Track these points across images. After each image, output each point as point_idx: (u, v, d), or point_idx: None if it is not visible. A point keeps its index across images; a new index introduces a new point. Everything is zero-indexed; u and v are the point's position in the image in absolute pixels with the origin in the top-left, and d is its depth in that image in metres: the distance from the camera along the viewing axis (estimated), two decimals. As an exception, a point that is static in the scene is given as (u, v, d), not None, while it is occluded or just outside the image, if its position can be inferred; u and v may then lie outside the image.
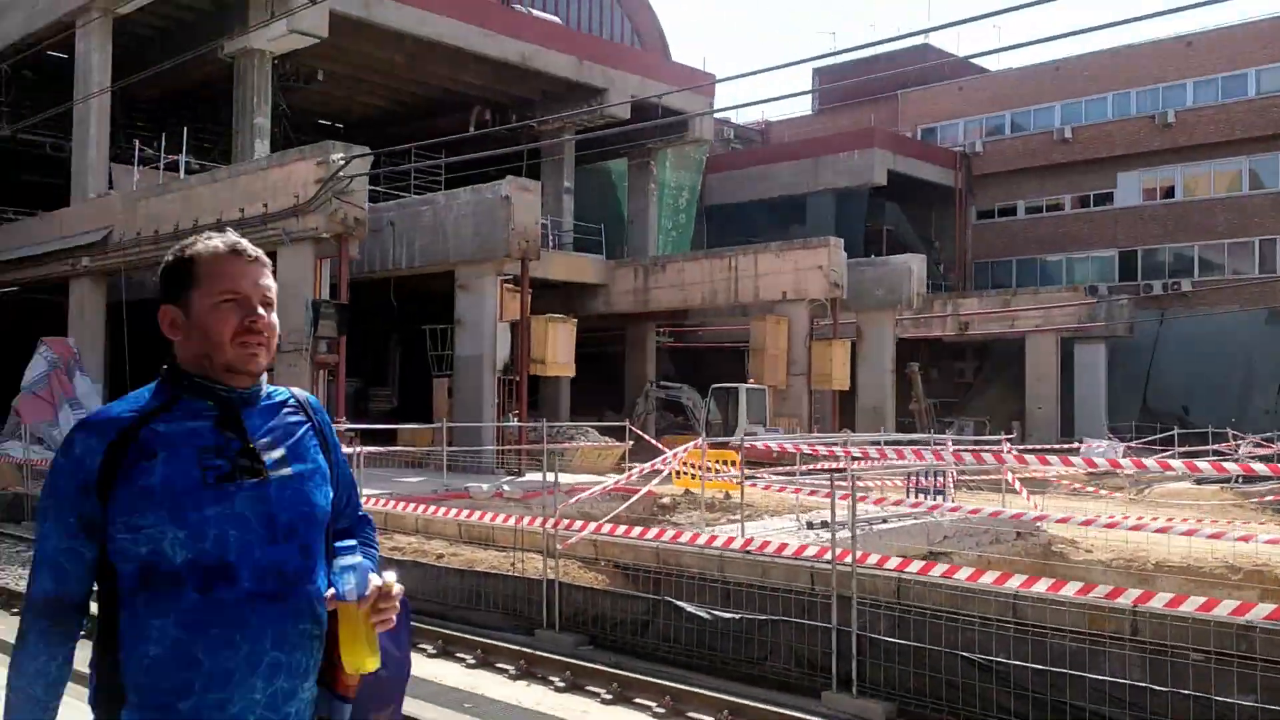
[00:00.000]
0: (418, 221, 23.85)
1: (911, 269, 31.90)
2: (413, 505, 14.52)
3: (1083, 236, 46.09)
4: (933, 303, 36.92)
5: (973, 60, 53.64)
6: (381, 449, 20.83)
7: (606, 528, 11.87)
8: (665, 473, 18.82)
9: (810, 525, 13.67)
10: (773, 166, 47.66)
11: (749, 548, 11.04)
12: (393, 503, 14.79)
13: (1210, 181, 42.94)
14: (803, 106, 58.10)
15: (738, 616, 9.72)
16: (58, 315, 35.12)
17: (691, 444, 15.86)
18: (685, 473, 22.31)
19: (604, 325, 34.50)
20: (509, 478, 21.51)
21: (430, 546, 13.63)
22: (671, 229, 39.15)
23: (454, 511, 13.87)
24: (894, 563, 8.98)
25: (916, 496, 17.63)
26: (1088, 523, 14.30)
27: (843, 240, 29.86)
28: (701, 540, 11.37)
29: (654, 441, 23.53)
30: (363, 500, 9.17)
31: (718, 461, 21.82)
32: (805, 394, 29.39)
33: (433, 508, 14.24)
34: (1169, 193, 44.13)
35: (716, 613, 9.87)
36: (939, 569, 9.43)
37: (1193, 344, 41.05)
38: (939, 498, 17.79)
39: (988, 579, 8.67)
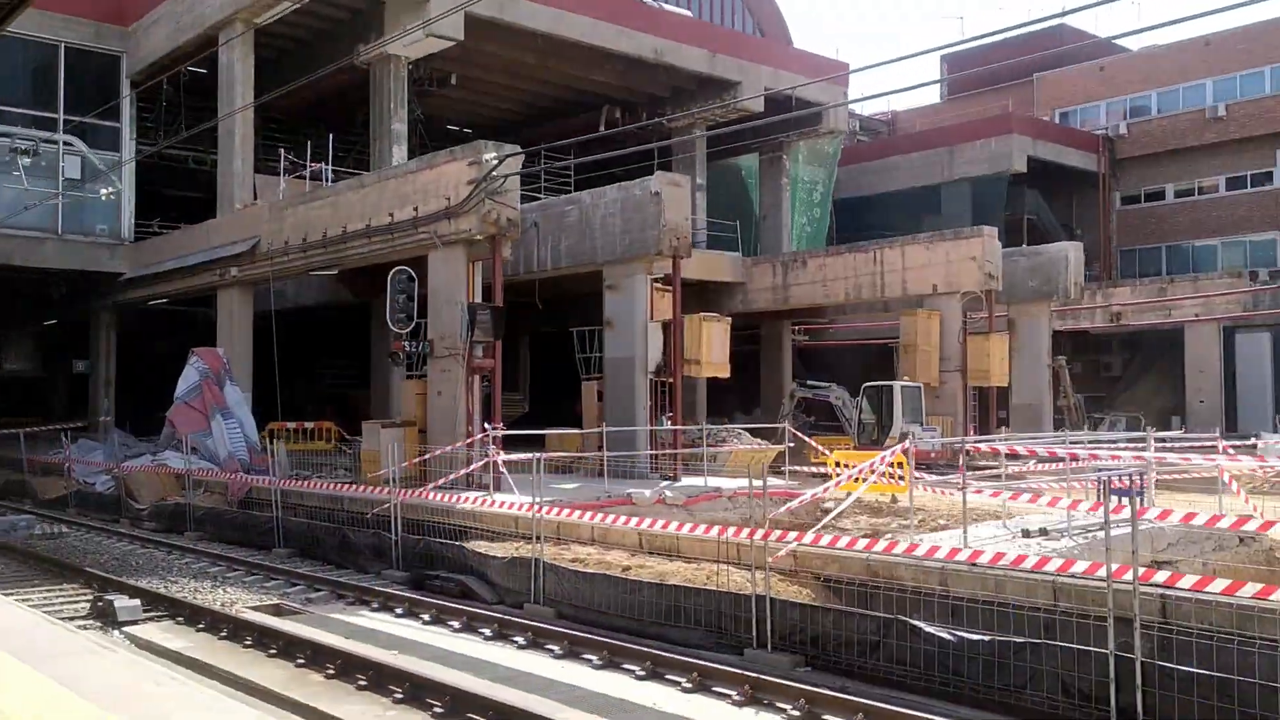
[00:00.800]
0: (562, 222, 23.35)
1: (1069, 257, 30.22)
2: (588, 514, 13.89)
3: (1239, 219, 43.41)
4: (1081, 293, 34.89)
5: (1114, 41, 51.19)
6: (526, 455, 20.36)
7: (823, 539, 10.97)
8: (837, 479, 17.83)
9: (1027, 533, 12.54)
10: (904, 157, 46.08)
11: (978, 560, 10.05)
12: (564, 510, 14.17)
13: (1385, 156, 39.92)
14: (930, 95, 56.32)
15: (988, 639, 8.76)
16: (205, 326, 35.82)
17: (892, 448, 14.76)
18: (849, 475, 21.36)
19: (738, 324, 33.59)
20: (665, 482, 20.79)
21: (611, 558, 12.96)
22: (806, 224, 38.08)
23: (634, 520, 13.18)
24: (1187, 581, 7.89)
25: (1118, 499, 16.37)
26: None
27: (996, 229, 28.39)
28: (921, 550, 10.40)
29: (812, 442, 22.56)
30: (528, 508, 8.31)
31: (883, 463, 20.83)
32: (960, 391, 28.02)
33: (610, 516, 13.58)
34: (1337, 169, 41.21)
35: (962, 634, 8.93)
36: (1215, 586, 8.32)
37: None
38: (1139, 500, 16.48)
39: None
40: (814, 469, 22.35)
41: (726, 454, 23.12)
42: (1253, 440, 28.96)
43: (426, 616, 12.15)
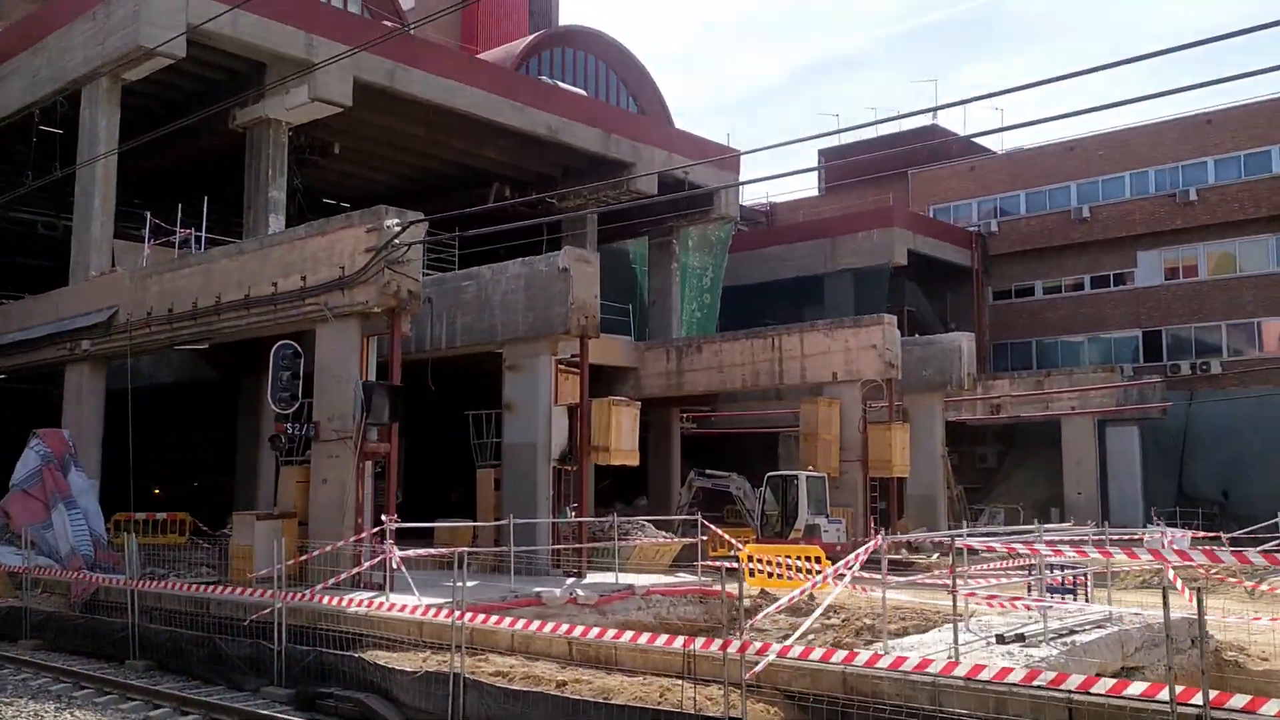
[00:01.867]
0: (459, 298, 21.90)
1: (962, 348, 30.30)
2: (507, 620, 12.29)
3: (1104, 317, 44.95)
4: (974, 384, 35.16)
5: (977, 141, 53.15)
6: (423, 550, 18.58)
7: (793, 650, 9.68)
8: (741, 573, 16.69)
9: (1002, 639, 11.50)
10: (787, 247, 46.31)
11: (980, 675, 8.92)
12: (478, 617, 12.52)
13: (1236, 259, 41.99)
14: (809, 188, 57.34)
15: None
16: (45, 406, 32.63)
17: (872, 544, 13.76)
18: (761, 570, 20.21)
19: (626, 411, 32.50)
20: (571, 580, 19.22)
21: (538, 670, 11.36)
22: (696, 310, 37.48)
23: (565, 628, 11.64)
24: (1271, 707, 6.89)
25: (1051, 595, 15.64)
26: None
27: (895, 318, 28.20)
28: (910, 664, 9.23)
29: (722, 534, 21.37)
30: (424, 612, 6.31)
31: (798, 558, 19.76)
32: (860, 482, 27.40)
33: (533, 622, 11.99)
34: (1192, 271, 43.15)
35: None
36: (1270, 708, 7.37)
37: (1228, 426, 39.67)
38: (1071, 598, 15.81)
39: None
40: (718, 563, 21.14)
41: (631, 548, 21.72)
42: (1140, 534, 29.20)
43: (327, 748, 10.30)
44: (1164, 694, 7.53)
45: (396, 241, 16.99)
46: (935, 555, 26.02)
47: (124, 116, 25.51)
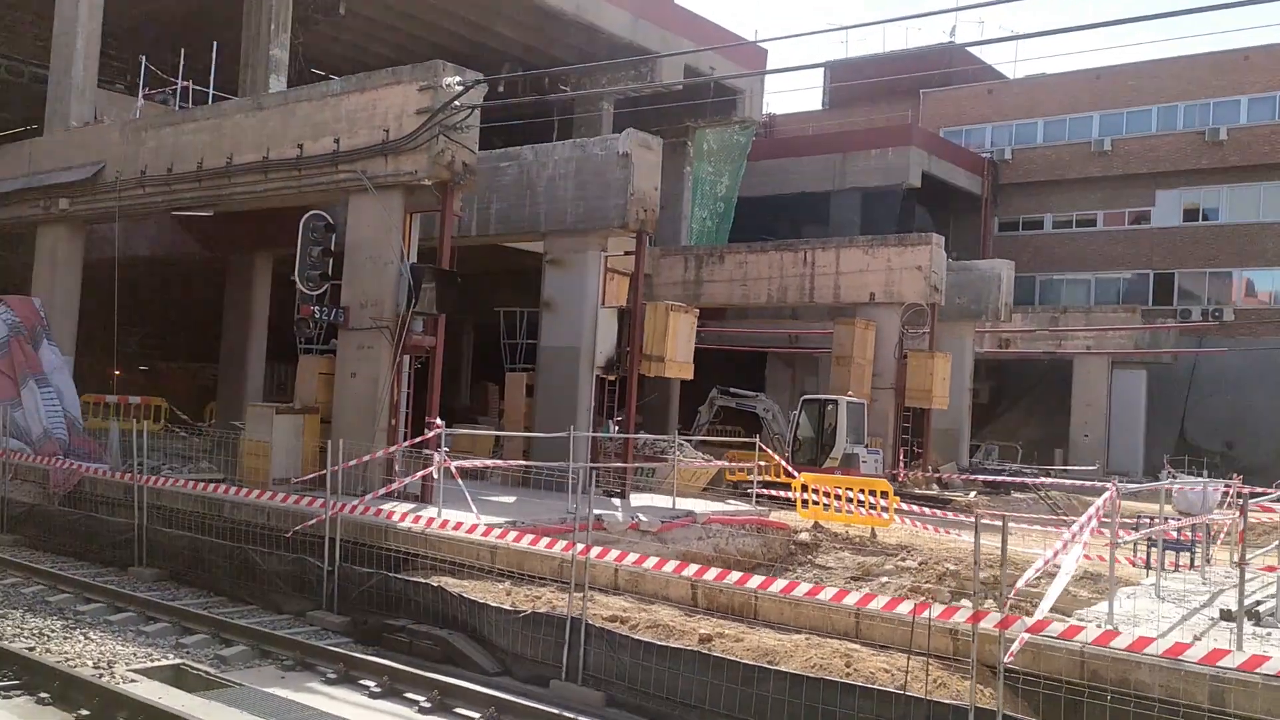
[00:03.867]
0: (495, 180, 19.51)
1: (1001, 276, 28.62)
2: (613, 554, 10.39)
3: (1115, 255, 43.52)
4: (1010, 314, 33.38)
5: (994, 67, 51.13)
6: (481, 461, 16.69)
7: (1053, 624, 7.84)
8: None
9: (1229, 615, 9.50)
10: (793, 160, 43.95)
11: None
12: (555, 543, 10.60)
13: (1259, 204, 40.66)
14: (811, 102, 54.86)
15: None
16: (4, 272, 29.73)
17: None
18: (815, 501, 18.53)
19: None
20: (617, 501, 17.40)
21: (664, 617, 9.50)
22: (707, 219, 35.23)
23: (692, 569, 9.75)
24: None
25: (1172, 553, 14.13)
26: None
27: (943, 238, 26.36)
28: (1198, 652, 7.49)
29: (782, 461, 19.61)
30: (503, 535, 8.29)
31: (859, 491, 18.10)
32: (892, 411, 25.77)
33: (651, 560, 10.11)
34: (1212, 214, 41.80)
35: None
36: None
37: (1236, 376, 38.74)
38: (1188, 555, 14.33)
39: None
40: (749, 489, 19.43)
41: (668, 469, 19.92)
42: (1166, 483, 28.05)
43: (423, 700, 8.37)
44: None
45: (457, 104, 14.62)
46: (973, 493, 24.62)
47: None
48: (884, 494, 17.48)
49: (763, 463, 22.05)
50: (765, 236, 33.88)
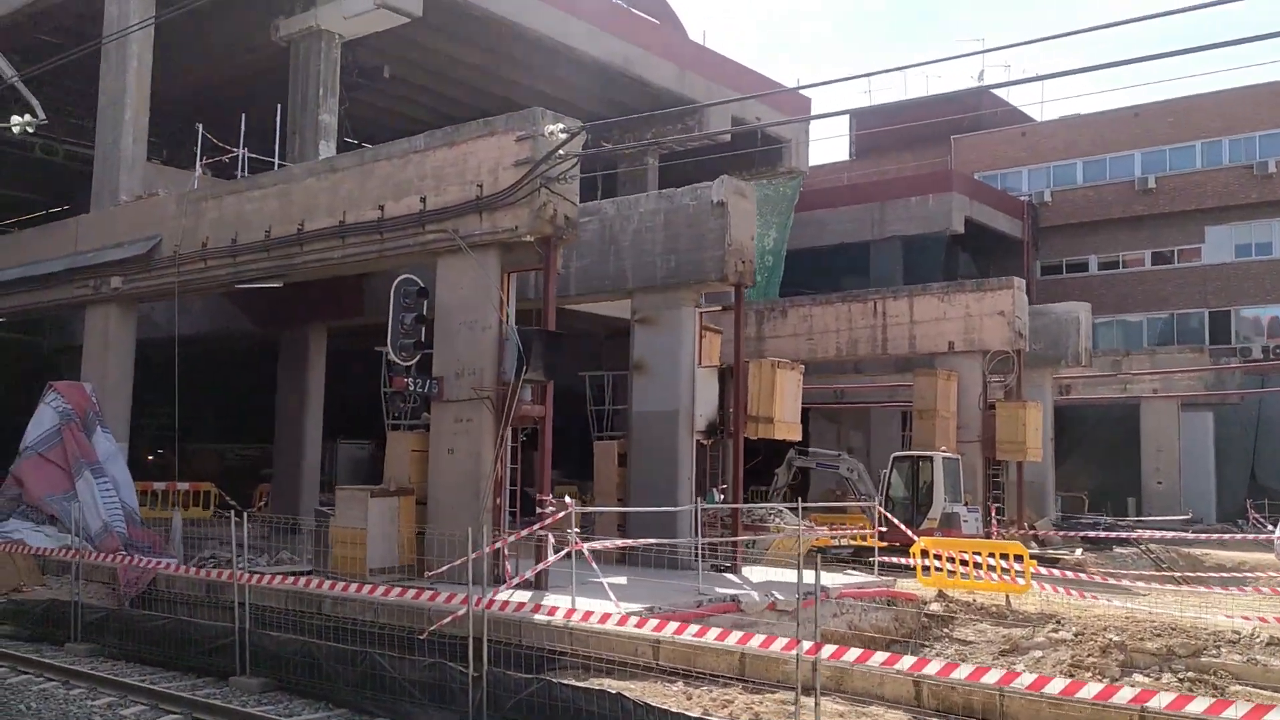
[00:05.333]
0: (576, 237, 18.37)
1: (1079, 319, 27.46)
2: (806, 647, 9.06)
3: (1166, 295, 42.46)
4: (1090, 359, 32.15)
5: (1023, 109, 50.57)
6: (613, 542, 15.30)
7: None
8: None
9: None
10: (829, 211, 43.04)
11: None
12: (751, 639, 9.28)
13: (1315, 237, 39.70)
14: (838, 151, 54.26)
15: None
16: (34, 358, 28.68)
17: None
18: (938, 568, 17.15)
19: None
20: (729, 575, 16.03)
21: None
22: (756, 273, 34.06)
23: (907, 662, 8.39)
24: None
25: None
26: None
27: (1024, 281, 25.24)
28: None
29: (902, 526, 18.23)
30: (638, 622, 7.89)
31: (986, 555, 16.72)
32: (979, 464, 24.45)
33: (878, 655, 8.77)
34: (1265, 249, 40.78)
35: None
36: None
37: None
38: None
39: None
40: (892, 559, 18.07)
41: (770, 540, 18.59)
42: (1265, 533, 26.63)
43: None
44: None
45: (561, 153, 13.55)
46: (1078, 551, 23.18)
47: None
48: (1018, 557, 16.13)
49: (860, 528, 20.77)
50: (803, 290, 32.84)
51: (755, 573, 16.50)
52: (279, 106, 21.40)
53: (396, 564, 14.16)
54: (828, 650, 8.47)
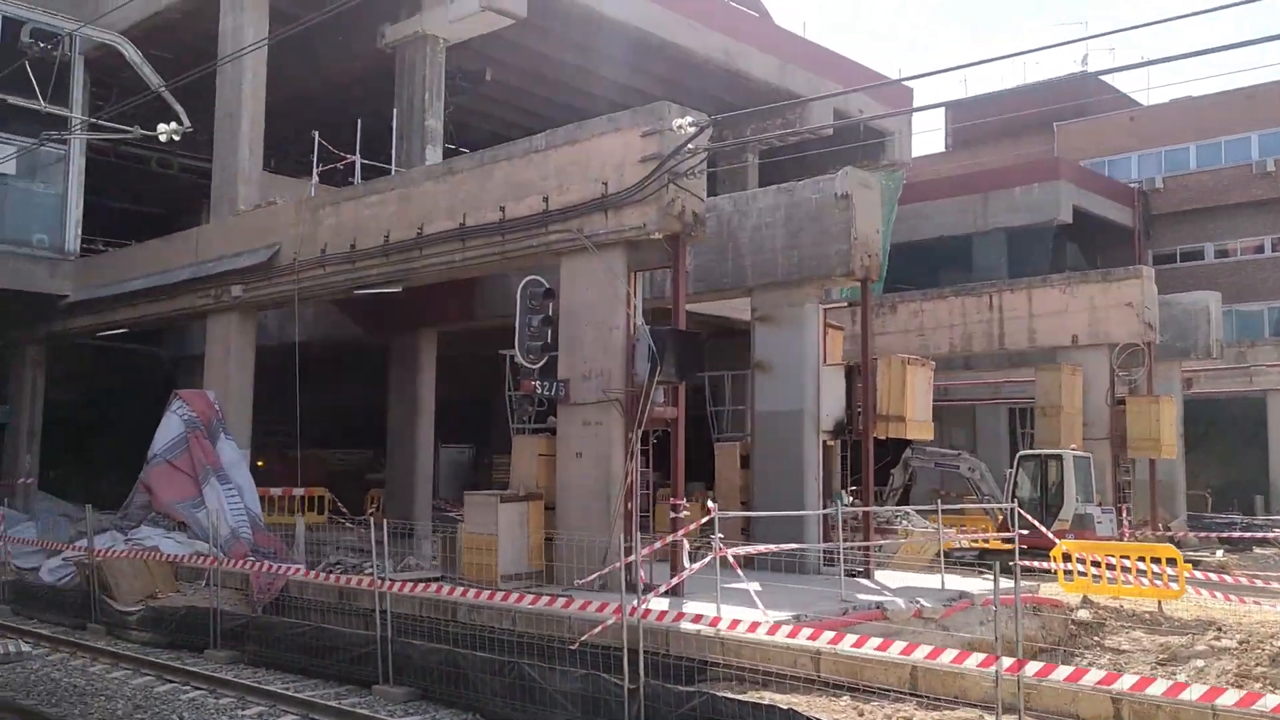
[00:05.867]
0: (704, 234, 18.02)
1: (1209, 309, 26.26)
2: (974, 661, 8.55)
3: (1289, 282, 40.55)
4: (1223, 351, 30.82)
5: (1128, 94, 48.83)
6: (761, 547, 14.92)
7: None
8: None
9: None
10: (929, 204, 41.95)
11: None
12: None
13: None
14: (933, 144, 53.03)
15: None
16: (152, 369, 29.25)
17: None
18: (1080, 572, 16.39)
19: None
20: (864, 580, 15.50)
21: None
22: (862, 268, 33.34)
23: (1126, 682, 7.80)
24: None
25: None
26: None
27: (1153, 271, 24.21)
28: None
29: (1043, 529, 17.50)
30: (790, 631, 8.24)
31: (1136, 559, 15.92)
32: (1109, 462, 23.47)
33: (1093, 671, 8.22)
34: (1398, 231, 38.72)
35: None
36: None
37: None
38: None
39: None
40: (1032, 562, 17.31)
41: (897, 544, 18.01)
42: None
43: None
44: None
45: (691, 147, 13.21)
46: (1218, 552, 22.08)
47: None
48: (1170, 561, 15.32)
49: (981, 530, 20.03)
50: (903, 286, 31.97)
51: (888, 577, 15.96)
52: (379, 113, 21.44)
53: (526, 570, 13.96)
54: (1032, 668, 7.91)
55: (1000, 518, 21.86)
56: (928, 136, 55.92)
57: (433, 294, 20.64)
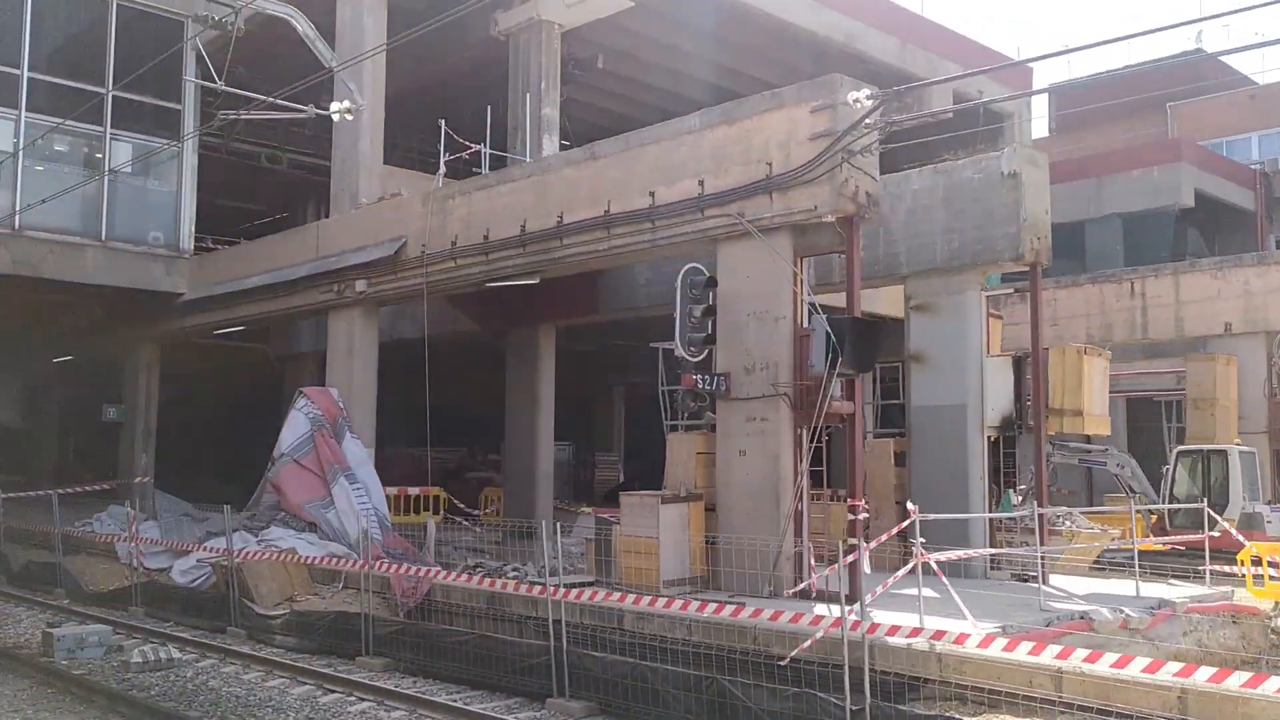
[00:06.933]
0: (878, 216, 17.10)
1: (1368, 294, 24.50)
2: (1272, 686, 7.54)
3: None
4: None
5: (1250, 77, 46.62)
6: (961, 552, 14.00)
7: None
8: None
9: None
10: (1038, 190, 40.37)
11: None
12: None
13: None
14: (1039, 128, 51.15)
15: None
16: (260, 368, 29.05)
17: None
18: (1273, 577, 15.15)
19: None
20: (1038, 586, 14.43)
21: None
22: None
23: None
24: None
25: None
26: None
27: (1315, 253, 22.70)
28: None
29: (1227, 526, 16.25)
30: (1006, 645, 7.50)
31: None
32: (1270, 457, 22.02)
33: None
34: None
35: None
36: None
37: None
38: None
39: None
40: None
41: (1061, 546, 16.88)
42: None
43: None
44: None
45: (868, 122, 12.30)
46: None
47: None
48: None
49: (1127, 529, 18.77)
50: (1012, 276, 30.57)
51: (1063, 582, 14.88)
52: (487, 104, 20.87)
53: (688, 575, 13.17)
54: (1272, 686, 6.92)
55: (1155, 519, 20.63)
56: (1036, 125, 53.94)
57: (550, 288, 19.98)
